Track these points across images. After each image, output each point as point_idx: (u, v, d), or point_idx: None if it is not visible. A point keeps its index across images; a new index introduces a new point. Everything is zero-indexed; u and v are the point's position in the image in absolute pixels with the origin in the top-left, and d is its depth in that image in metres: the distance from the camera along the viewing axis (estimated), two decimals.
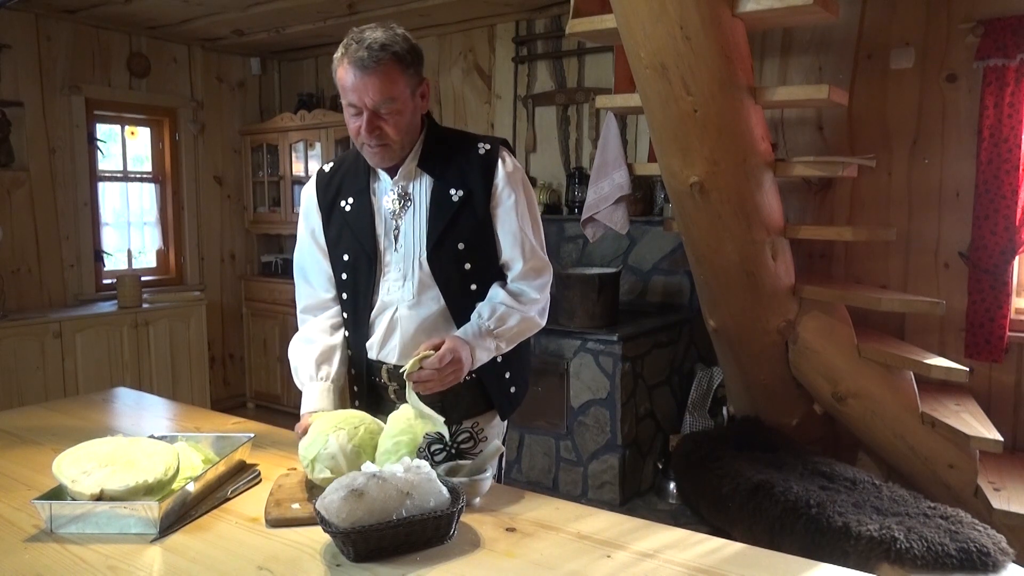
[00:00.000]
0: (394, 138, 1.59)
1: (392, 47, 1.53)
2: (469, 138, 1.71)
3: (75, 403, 2.33)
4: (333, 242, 1.76)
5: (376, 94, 1.53)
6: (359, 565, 1.21)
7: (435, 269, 1.66)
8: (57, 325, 4.25)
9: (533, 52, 4.61)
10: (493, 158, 1.65)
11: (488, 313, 1.64)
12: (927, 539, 2.33)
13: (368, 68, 1.51)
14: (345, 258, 1.74)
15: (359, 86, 1.53)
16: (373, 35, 1.53)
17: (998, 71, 3.12)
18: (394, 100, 1.55)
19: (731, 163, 2.73)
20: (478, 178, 1.64)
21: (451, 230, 1.64)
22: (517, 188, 1.66)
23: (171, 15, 4.56)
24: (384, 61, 1.52)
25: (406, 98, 1.57)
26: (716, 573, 1.19)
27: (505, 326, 1.64)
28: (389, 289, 1.69)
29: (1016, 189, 3.14)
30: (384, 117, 1.56)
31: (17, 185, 4.43)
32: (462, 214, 1.64)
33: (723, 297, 3.16)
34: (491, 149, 1.67)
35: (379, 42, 1.52)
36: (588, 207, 3.41)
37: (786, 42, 3.74)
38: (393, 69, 1.53)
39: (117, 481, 1.35)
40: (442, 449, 1.76)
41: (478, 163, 1.65)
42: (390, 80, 1.53)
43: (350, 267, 1.73)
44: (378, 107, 1.55)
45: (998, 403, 3.30)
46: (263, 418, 2.07)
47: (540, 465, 3.83)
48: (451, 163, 1.66)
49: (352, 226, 1.72)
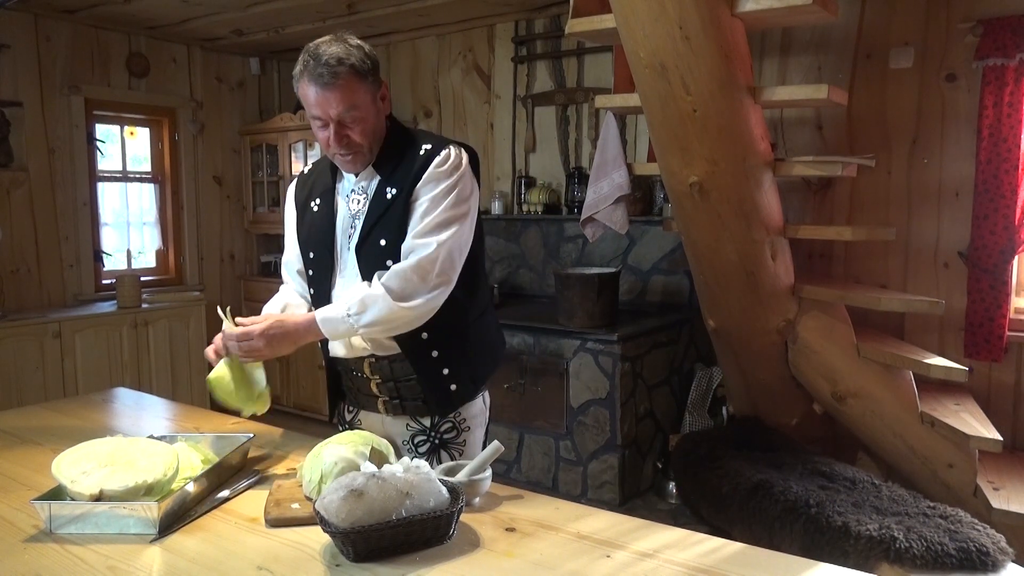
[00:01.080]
0: (361, 143, 1.65)
1: (348, 60, 1.57)
2: (420, 139, 1.72)
3: (74, 403, 2.33)
4: (303, 241, 1.83)
5: (339, 105, 1.58)
6: (359, 565, 1.21)
7: (361, 264, 1.70)
8: (56, 325, 4.25)
9: (532, 52, 4.61)
10: (429, 158, 1.66)
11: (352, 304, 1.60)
12: (926, 539, 2.33)
13: (328, 83, 1.56)
14: (311, 256, 1.80)
15: (321, 101, 1.58)
16: (329, 50, 1.57)
17: (997, 71, 3.12)
18: (356, 108, 1.60)
19: (730, 163, 2.73)
20: (411, 176, 1.67)
21: (377, 226, 1.68)
22: (437, 184, 1.64)
23: (170, 15, 4.56)
24: (342, 75, 1.56)
25: (367, 104, 1.62)
26: (716, 573, 1.19)
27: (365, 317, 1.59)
28: (345, 285, 1.73)
29: (1015, 189, 3.14)
30: (349, 125, 1.62)
31: (16, 185, 4.43)
32: (390, 211, 1.67)
33: (723, 297, 3.16)
34: (431, 148, 1.68)
35: (336, 57, 1.56)
36: (587, 207, 3.41)
37: (785, 42, 3.74)
38: (352, 81, 1.58)
39: (116, 481, 1.35)
40: (425, 440, 1.78)
41: (416, 162, 1.68)
42: (350, 91, 1.58)
43: (315, 264, 1.79)
44: (342, 117, 1.60)
45: (997, 403, 3.31)
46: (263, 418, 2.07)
47: (540, 465, 3.83)
48: (398, 163, 1.70)
49: (317, 225, 1.78)
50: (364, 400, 1.82)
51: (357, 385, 1.81)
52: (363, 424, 1.84)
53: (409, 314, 1.61)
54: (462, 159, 1.69)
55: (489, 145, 4.85)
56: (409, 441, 1.80)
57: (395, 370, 1.73)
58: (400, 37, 5.01)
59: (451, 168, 1.66)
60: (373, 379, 1.76)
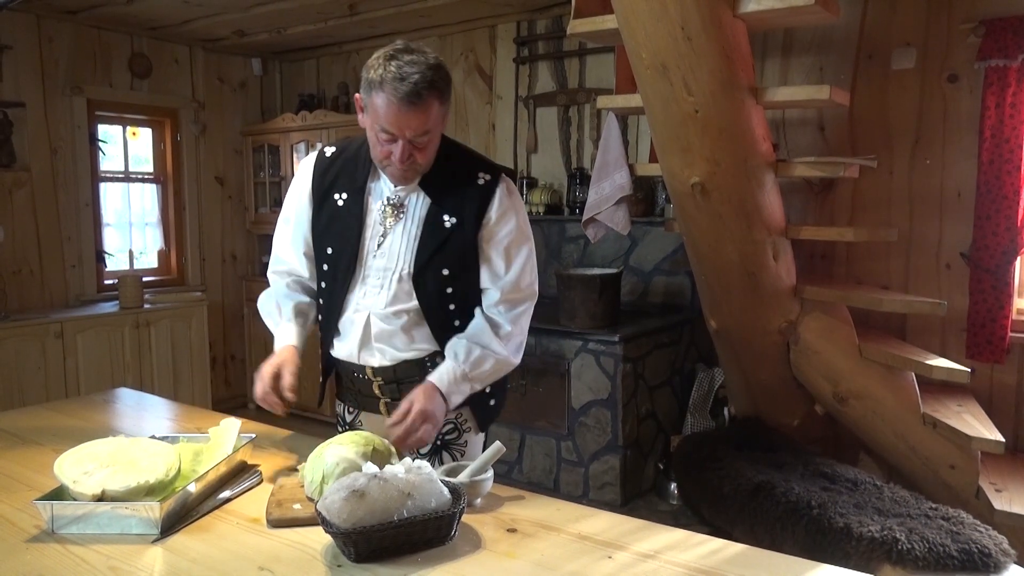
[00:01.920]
0: (423, 164, 1.63)
1: (436, 84, 1.53)
2: (473, 164, 1.72)
3: (76, 403, 2.33)
4: (320, 232, 1.77)
5: (417, 128, 1.55)
6: (360, 566, 1.21)
7: (418, 289, 1.68)
8: (58, 325, 4.25)
9: (534, 52, 4.61)
10: (490, 191, 1.67)
11: (464, 355, 1.66)
12: (928, 540, 2.33)
13: (411, 105, 1.52)
14: (328, 251, 1.75)
15: (400, 120, 1.53)
16: (415, 70, 1.51)
17: (999, 71, 3.12)
18: (431, 132, 1.58)
19: (732, 163, 2.73)
20: (473, 208, 1.67)
21: (438, 255, 1.67)
22: (508, 221, 1.69)
23: (172, 16, 4.56)
24: (428, 97, 1.53)
25: (439, 127, 1.61)
26: (717, 574, 1.19)
27: (480, 370, 1.67)
28: (365, 293, 1.71)
29: (1018, 189, 3.13)
30: (419, 147, 1.59)
31: (19, 186, 4.44)
32: (451, 241, 1.67)
33: (724, 298, 3.16)
34: (490, 181, 1.69)
35: (427, 79, 1.51)
36: (589, 208, 3.41)
37: (787, 42, 3.73)
38: (434, 104, 1.55)
39: (118, 482, 1.36)
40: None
41: (475, 193, 1.67)
42: (430, 115, 1.55)
43: (331, 261, 1.75)
44: (416, 138, 1.57)
45: (1000, 404, 3.30)
46: (264, 419, 2.07)
47: (541, 466, 3.83)
48: (450, 188, 1.68)
49: (341, 222, 1.73)
50: (365, 401, 1.82)
51: (358, 387, 1.80)
52: (364, 425, 1.83)
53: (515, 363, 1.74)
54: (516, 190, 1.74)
55: (491, 146, 4.85)
56: None
57: (398, 372, 1.73)
58: (401, 38, 4.99)
59: (518, 203, 1.72)
60: (375, 381, 1.76)
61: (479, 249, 1.69)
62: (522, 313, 1.73)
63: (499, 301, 1.71)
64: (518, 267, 1.71)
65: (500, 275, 1.70)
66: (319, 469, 1.43)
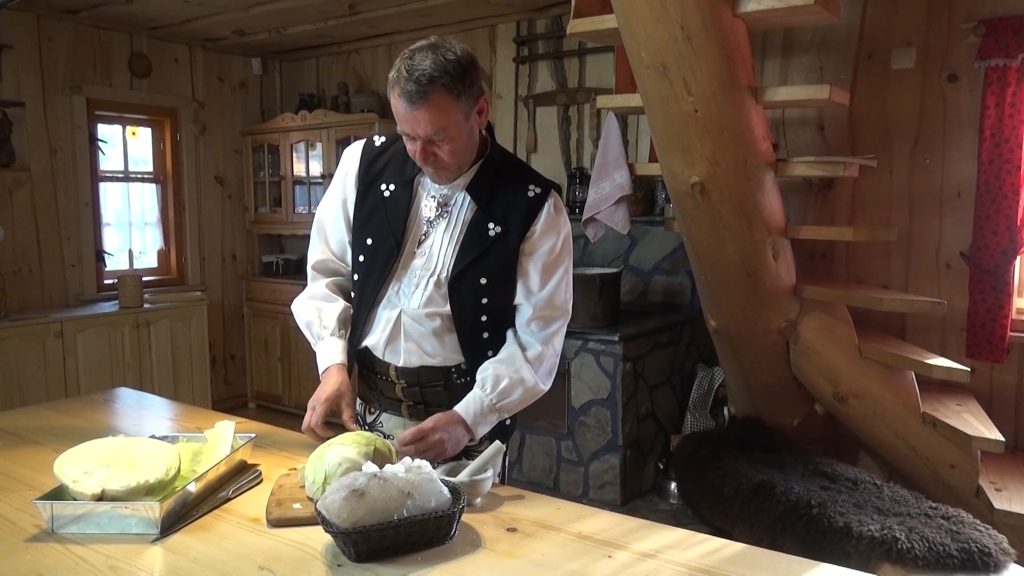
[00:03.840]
0: (449, 162, 1.57)
1: (441, 79, 1.46)
2: (525, 175, 1.68)
3: (76, 403, 2.33)
4: (362, 221, 1.72)
5: (427, 126, 1.49)
6: (360, 565, 1.21)
7: (453, 294, 1.64)
8: (58, 325, 4.25)
9: (534, 52, 4.61)
10: (539, 204, 1.63)
11: (492, 384, 1.62)
12: (928, 539, 2.33)
13: (416, 102, 1.47)
14: (368, 242, 1.70)
15: (410, 118, 1.49)
16: (422, 65, 1.46)
17: (999, 71, 3.12)
18: (446, 129, 1.51)
19: (732, 163, 2.73)
20: (519, 219, 1.62)
21: (478, 263, 1.62)
22: (552, 238, 1.65)
23: (172, 15, 4.56)
24: (433, 93, 1.46)
25: (459, 124, 1.52)
26: (717, 573, 1.19)
27: (507, 400, 1.63)
28: (400, 291, 1.67)
29: (1017, 189, 3.13)
30: (438, 144, 1.53)
31: (18, 185, 4.44)
32: (493, 250, 1.63)
33: (724, 297, 3.16)
34: (540, 194, 1.64)
35: (427, 74, 1.45)
36: (589, 207, 3.41)
37: (787, 42, 3.73)
38: (444, 100, 1.48)
39: (118, 481, 1.35)
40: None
41: (524, 204, 1.63)
42: (440, 112, 1.48)
43: (370, 252, 1.70)
44: (430, 136, 1.51)
45: (999, 403, 3.30)
46: (264, 418, 2.07)
47: (541, 465, 3.83)
48: (498, 196, 1.64)
49: (386, 213, 1.68)
50: (387, 403, 1.78)
51: (380, 387, 1.77)
52: (385, 426, 1.80)
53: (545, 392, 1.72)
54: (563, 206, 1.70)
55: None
56: None
57: (422, 376, 1.70)
58: (401, 38, 5.01)
59: (564, 221, 1.68)
60: (399, 383, 1.73)
61: (519, 262, 1.65)
62: (555, 333, 1.71)
63: (531, 318, 1.67)
64: (553, 284, 1.66)
65: (534, 291, 1.66)
66: (321, 469, 1.43)
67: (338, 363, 1.70)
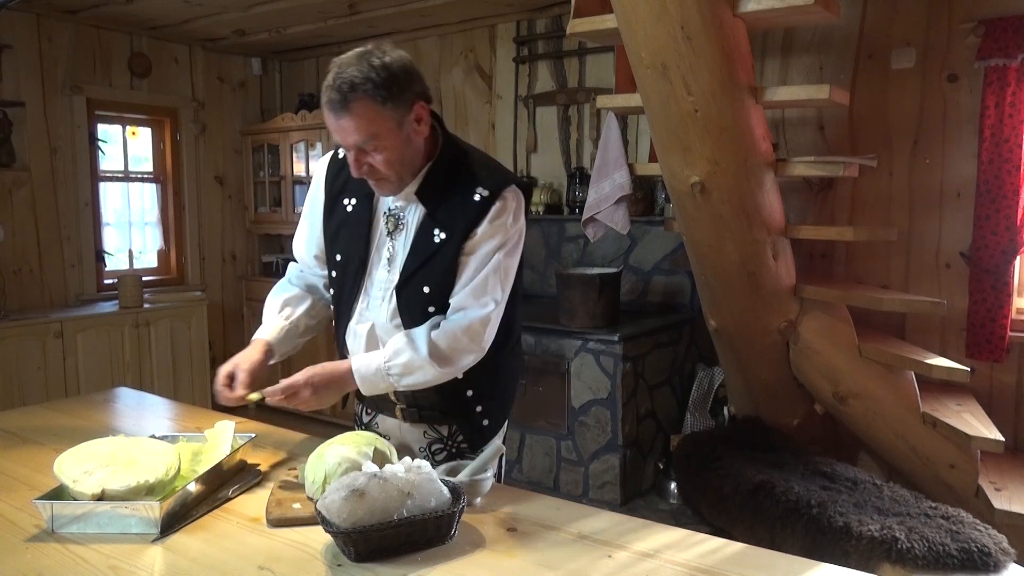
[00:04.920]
0: (386, 172, 1.52)
1: (363, 85, 1.42)
2: (476, 177, 1.59)
3: (76, 403, 2.33)
4: (331, 237, 1.73)
5: (353, 134, 1.46)
6: (360, 565, 1.21)
7: (400, 304, 1.62)
8: (58, 325, 4.25)
9: (534, 52, 4.61)
10: (485, 207, 1.56)
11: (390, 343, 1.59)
12: (928, 539, 2.33)
13: (339, 111, 1.44)
14: (337, 257, 1.71)
15: (336, 127, 1.47)
16: (344, 73, 1.43)
17: (999, 71, 3.12)
18: (376, 137, 1.47)
19: (732, 163, 2.73)
20: (463, 224, 1.56)
21: (421, 271, 1.59)
22: (494, 239, 1.57)
23: (172, 15, 4.56)
24: (355, 100, 1.43)
25: (390, 132, 1.48)
26: (717, 573, 1.19)
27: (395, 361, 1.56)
28: (370, 304, 1.67)
29: (1017, 189, 3.13)
30: (370, 153, 1.50)
31: (18, 185, 4.44)
32: (438, 257, 1.58)
33: (724, 297, 3.16)
34: (487, 197, 1.56)
35: (348, 81, 1.42)
36: (589, 207, 3.41)
37: (787, 42, 3.73)
38: (368, 107, 1.44)
39: (118, 481, 1.36)
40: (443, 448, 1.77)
41: (470, 209, 1.56)
42: (365, 119, 1.45)
43: (340, 268, 1.71)
44: (360, 145, 1.48)
45: (999, 403, 3.30)
46: (264, 418, 2.07)
47: (541, 465, 3.83)
48: (447, 201, 1.58)
49: (349, 229, 1.68)
50: (382, 404, 1.78)
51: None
52: (380, 427, 1.80)
53: (452, 375, 1.61)
54: (519, 205, 1.60)
55: (490, 145, 4.85)
56: (426, 448, 1.76)
57: None
58: (401, 37, 5.01)
59: (510, 220, 1.58)
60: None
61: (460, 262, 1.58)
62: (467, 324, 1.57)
63: (451, 309, 1.60)
64: (481, 278, 1.57)
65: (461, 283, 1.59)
66: (321, 469, 1.43)
67: (263, 339, 1.73)
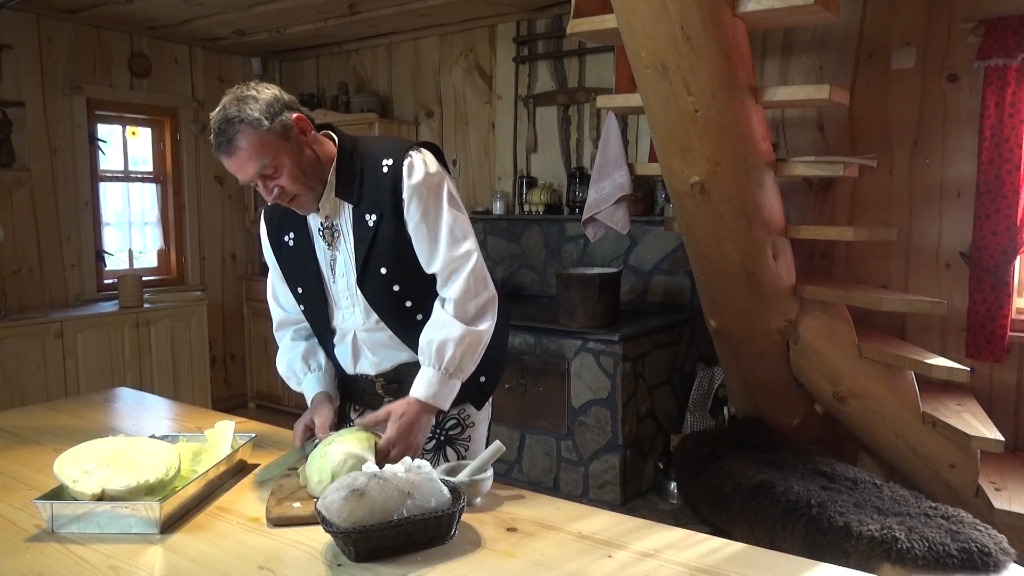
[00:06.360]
0: (294, 188, 1.58)
1: (238, 118, 1.49)
2: (377, 154, 1.66)
3: (76, 403, 2.33)
4: (287, 275, 1.81)
5: (248, 165, 1.52)
6: (360, 565, 1.21)
7: (367, 295, 1.69)
8: (58, 325, 4.25)
9: (534, 52, 4.61)
10: (397, 174, 1.61)
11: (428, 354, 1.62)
12: (928, 539, 2.33)
13: (227, 150, 1.51)
14: (299, 291, 1.79)
15: (233, 167, 1.54)
16: (219, 116, 1.51)
17: (999, 71, 3.12)
18: (269, 158, 1.53)
19: (732, 163, 2.73)
20: (387, 197, 1.62)
21: (371, 256, 1.65)
22: (423, 198, 1.62)
23: (172, 15, 4.56)
24: (235, 137, 1.50)
25: (280, 151, 1.54)
26: (717, 573, 1.19)
27: (448, 358, 1.61)
28: (344, 317, 1.74)
29: (1017, 189, 3.13)
30: (274, 177, 1.55)
31: (18, 185, 4.44)
32: (379, 238, 1.64)
33: (724, 297, 3.16)
34: (393, 164, 1.62)
35: (226, 120, 1.50)
36: (589, 207, 3.41)
37: (787, 42, 3.73)
38: (248, 139, 1.50)
39: (118, 481, 1.36)
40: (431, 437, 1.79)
41: (384, 182, 1.62)
42: (251, 149, 1.51)
43: (304, 298, 1.79)
44: (260, 172, 1.53)
45: (999, 403, 3.30)
46: (264, 418, 2.08)
47: (541, 465, 3.83)
48: (364, 186, 1.64)
49: (299, 261, 1.76)
50: (370, 399, 1.83)
51: (362, 386, 1.83)
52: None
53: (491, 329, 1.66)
54: (427, 158, 1.66)
55: (491, 145, 4.85)
56: None
57: (399, 373, 1.75)
58: (401, 37, 5.01)
59: (426, 175, 1.62)
60: (378, 381, 1.78)
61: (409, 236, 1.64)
62: (465, 278, 1.63)
63: (441, 280, 1.66)
64: (444, 237, 1.63)
65: (431, 254, 1.65)
66: (327, 467, 1.44)
67: (321, 391, 1.78)
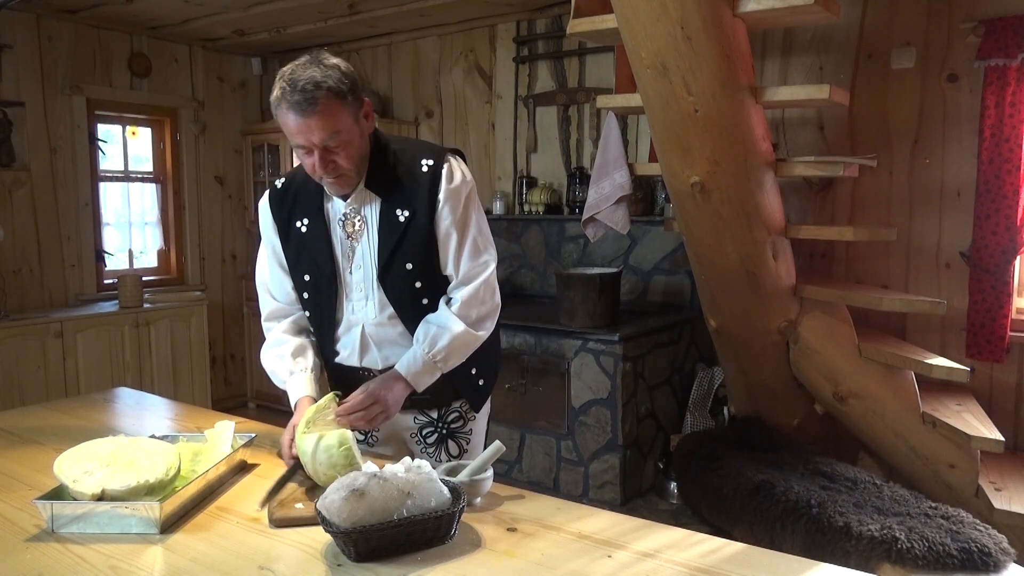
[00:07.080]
0: (348, 167, 1.61)
1: (325, 83, 1.51)
2: (414, 153, 1.71)
3: (76, 403, 2.33)
4: (292, 262, 1.80)
5: (321, 132, 1.53)
6: (360, 565, 1.21)
7: (387, 289, 1.70)
8: (58, 325, 4.25)
9: (534, 52, 4.61)
10: (436, 175, 1.67)
11: (422, 336, 1.68)
12: (928, 539, 2.33)
13: (307, 110, 1.51)
14: (306, 278, 1.78)
15: (303, 128, 1.53)
16: (305, 74, 1.51)
17: (999, 71, 3.12)
18: (339, 133, 1.55)
19: (732, 163, 2.73)
20: (423, 196, 1.66)
21: (399, 251, 1.67)
22: (458, 203, 1.68)
23: (172, 15, 4.56)
24: (321, 99, 1.50)
25: (351, 127, 1.57)
26: (717, 573, 1.19)
27: (438, 347, 1.67)
28: (354, 309, 1.74)
29: (1017, 189, 3.13)
30: (334, 150, 1.57)
31: (18, 185, 4.44)
32: (408, 234, 1.67)
33: (724, 297, 3.16)
34: (434, 165, 1.67)
35: (312, 81, 1.50)
36: (589, 207, 3.41)
37: (787, 42, 3.73)
38: (332, 104, 1.52)
39: (118, 481, 1.36)
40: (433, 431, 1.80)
41: (422, 181, 1.67)
42: (331, 115, 1.53)
43: (311, 287, 1.78)
44: (326, 143, 1.55)
45: (999, 403, 3.30)
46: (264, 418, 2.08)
47: (541, 465, 3.83)
48: (397, 182, 1.68)
49: (310, 248, 1.75)
50: None
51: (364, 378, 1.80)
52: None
53: (485, 337, 1.73)
54: (461, 166, 1.72)
55: (490, 145, 4.85)
56: (417, 433, 1.84)
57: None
58: (401, 37, 5.01)
59: (463, 182, 1.69)
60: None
61: (436, 234, 1.69)
62: (478, 285, 1.70)
63: (457, 282, 1.72)
64: (469, 245, 1.70)
65: (455, 258, 1.70)
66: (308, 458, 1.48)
67: (305, 395, 1.76)
